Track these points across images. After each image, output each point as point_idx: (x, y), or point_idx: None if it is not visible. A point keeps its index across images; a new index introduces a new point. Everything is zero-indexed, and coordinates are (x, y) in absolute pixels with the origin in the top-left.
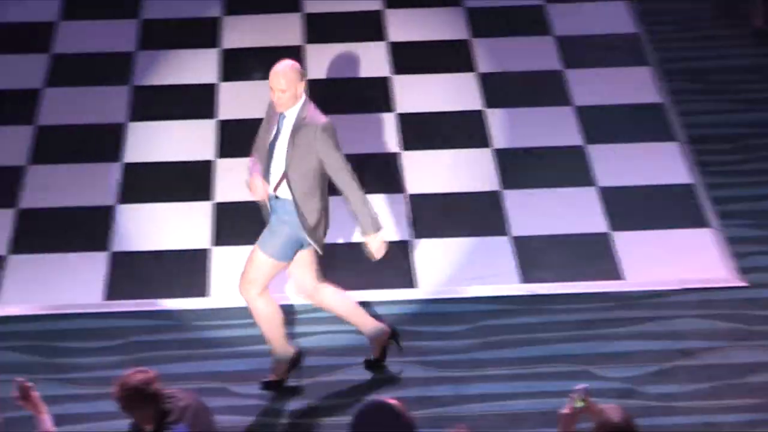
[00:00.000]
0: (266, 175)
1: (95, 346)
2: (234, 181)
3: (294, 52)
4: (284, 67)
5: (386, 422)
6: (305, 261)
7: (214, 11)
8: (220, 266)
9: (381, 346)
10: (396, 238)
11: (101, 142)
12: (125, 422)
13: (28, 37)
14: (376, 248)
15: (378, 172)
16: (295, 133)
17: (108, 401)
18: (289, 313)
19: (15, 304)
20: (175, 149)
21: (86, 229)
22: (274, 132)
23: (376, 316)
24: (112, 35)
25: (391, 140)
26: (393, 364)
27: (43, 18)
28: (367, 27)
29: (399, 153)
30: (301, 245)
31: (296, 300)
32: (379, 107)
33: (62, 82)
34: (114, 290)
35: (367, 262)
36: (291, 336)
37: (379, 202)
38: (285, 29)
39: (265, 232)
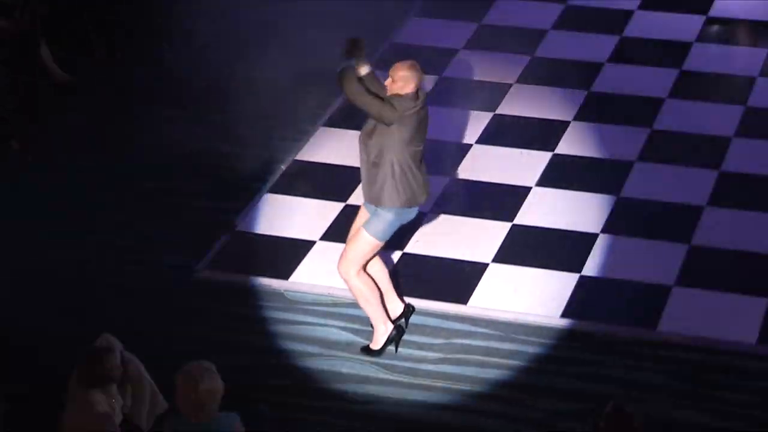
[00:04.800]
0: None
1: (743, 385)
2: None
3: None
4: (402, 63)
5: None
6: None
7: None
8: None
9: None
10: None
11: None
12: None
13: None
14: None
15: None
16: None
17: None
18: None
19: (673, 333)
20: None
21: (751, 274)
22: None
23: None
24: None
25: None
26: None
27: None
28: None
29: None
30: (400, 226)
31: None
32: None
33: None
34: None
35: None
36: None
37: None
38: None
39: (372, 215)
